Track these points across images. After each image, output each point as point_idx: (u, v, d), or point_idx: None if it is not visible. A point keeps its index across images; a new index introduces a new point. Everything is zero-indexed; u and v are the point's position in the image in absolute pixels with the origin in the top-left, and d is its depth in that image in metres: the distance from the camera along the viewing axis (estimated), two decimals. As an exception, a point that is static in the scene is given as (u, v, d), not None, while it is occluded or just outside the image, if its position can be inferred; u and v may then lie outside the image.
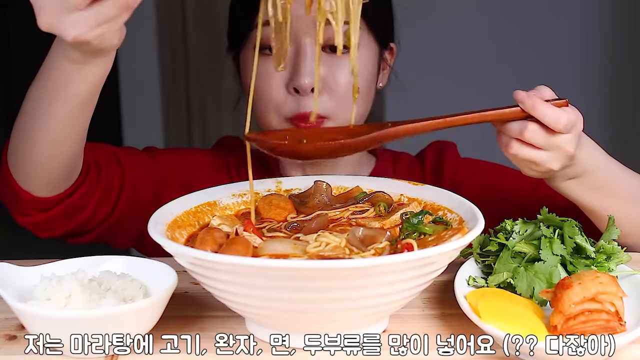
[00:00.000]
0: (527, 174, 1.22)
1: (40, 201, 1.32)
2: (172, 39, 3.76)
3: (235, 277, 0.97)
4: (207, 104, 3.83)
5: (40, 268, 1.11)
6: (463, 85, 3.64)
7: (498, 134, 1.20)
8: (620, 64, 3.65)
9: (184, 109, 3.87)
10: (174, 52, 3.77)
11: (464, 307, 1.07)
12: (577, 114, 1.17)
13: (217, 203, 1.22)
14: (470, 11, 3.64)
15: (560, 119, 1.14)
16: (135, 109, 3.79)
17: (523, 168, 1.21)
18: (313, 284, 0.96)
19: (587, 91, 3.67)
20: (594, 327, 1.01)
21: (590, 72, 3.68)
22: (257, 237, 1.10)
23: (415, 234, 1.13)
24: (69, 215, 1.37)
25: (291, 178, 1.32)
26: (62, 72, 1.14)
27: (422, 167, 1.63)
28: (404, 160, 1.65)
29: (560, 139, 1.16)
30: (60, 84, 1.16)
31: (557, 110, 1.14)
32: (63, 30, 1.02)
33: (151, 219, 1.08)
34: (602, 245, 1.18)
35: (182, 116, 3.87)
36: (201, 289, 1.19)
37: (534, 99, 1.14)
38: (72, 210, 1.37)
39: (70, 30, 1.02)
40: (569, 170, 1.23)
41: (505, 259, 1.16)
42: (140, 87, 3.75)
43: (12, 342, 1.08)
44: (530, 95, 1.15)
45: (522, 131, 1.15)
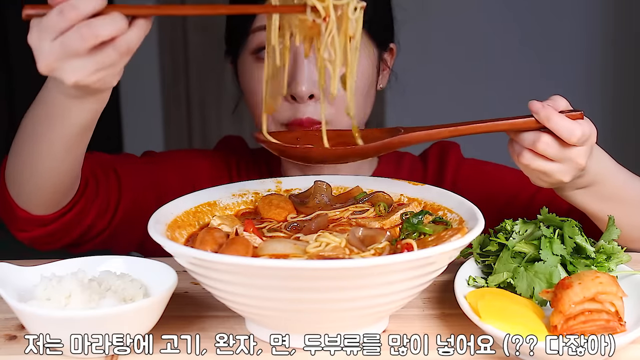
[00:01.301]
0: (537, 183, 1.21)
1: (38, 219, 1.32)
2: (172, 39, 3.76)
3: (235, 277, 0.97)
4: (207, 103, 3.84)
5: (40, 268, 1.11)
6: (463, 85, 3.64)
7: (510, 142, 1.18)
8: (622, 63, 3.65)
9: (184, 108, 3.87)
10: (174, 52, 3.78)
11: (464, 307, 1.07)
12: (592, 127, 1.15)
13: (217, 203, 1.22)
14: (470, 11, 3.64)
15: (575, 132, 1.12)
16: (136, 108, 3.79)
17: (533, 178, 1.20)
18: (313, 284, 0.96)
19: (588, 91, 3.67)
20: (594, 327, 1.01)
21: (591, 71, 3.68)
22: (257, 237, 1.10)
23: (415, 234, 1.13)
24: (67, 229, 1.37)
25: (291, 178, 1.32)
26: (58, 104, 1.14)
27: (425, 167, 1.63)
28: (407, 160, 1.65)
29: (573, 152, 1.14)
30: (57, 116, 1.15)
31: (571, 123, 1.12)
32: (63, 76, 1.01)
33: (151, 219, 1.08)
34: (602, 245, 1.18)
35: (182, 115, 3.87)
36: (201, 289, 1.19)
37: (549, 110, 1.13)
38: (70, 225, 1.37)
39: (70, 76, 1.01)
40: (579, 181, 1.22)
41: (505, 259, 1.16)
42: (141, 87, 3.75)
43: (12, 342, 1.07)
44: (545, 106, 1.13)
45: (535, 142, 1.14)
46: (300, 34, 1.10)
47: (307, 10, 1.06)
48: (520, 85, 3.41)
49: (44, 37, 0.99)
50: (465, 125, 1.16)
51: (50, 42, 0.99)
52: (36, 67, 1.01)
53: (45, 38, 0.99)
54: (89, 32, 0.97)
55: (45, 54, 0.99)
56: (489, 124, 1.15)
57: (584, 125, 1.13)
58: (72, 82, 1.01)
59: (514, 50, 3.67)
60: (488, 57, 3.67)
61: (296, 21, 1.09)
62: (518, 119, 1.14)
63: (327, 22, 1.06)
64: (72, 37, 0.97)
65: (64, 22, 0.97)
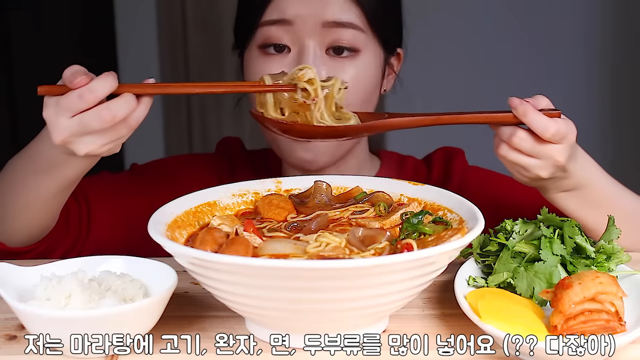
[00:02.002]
0: (517, 178, 1.24)
1: (13, 250, 1.35)
2: (172, 39, 3.76)
3: (235, 277, 0.97)
4: (207, 104, 3.83)
5: (40, 268, 1.11)
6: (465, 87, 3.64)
7: (494, 135, 1.22)
8: (621, 63, 3.65)
9: (184, 109, 3.87)
10: (174, 52, 3.77)
11: (464, 307, 1.07)
12: (569, 126, 1.19)
13: (217, 203, 1.22)
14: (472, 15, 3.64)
15: (549, 128, 1.16)
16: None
17: (513, 172, 1.24)
18: (313, 284, 0.96)
19: (588, 90, 3.67)
20: (594, 327, 1.01)
21: (592, 70, 3.69)
22: (257, 237, 1.10)
23: (415, 234, 1.13)
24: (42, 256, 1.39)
25: (291, 178, 1.32)
26: (53, 157, 1.20)
27: (429, 172, 1.62)
28: (409, 163, 1.65)
29: (549, 148, 1.18)
30: (50, 167, 1.21)
31: (546, 120, 1.16)
32: (77, 148, 1.11)
33: (151, 218, 1.08)
34: (602, 245, 1.18)
35: (182, 116, 3.87)
36: (201, 289, 1.19)
37: (526, 106, 1.17)
38: (44, 254, 1.39)
39: (83, 148, 1.11)
40: (563, 183, 1.24)
41: (505, 259, 1.16)
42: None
43: (12, 342, 1.08)
44: (523, 102, 1.18)
45: (511, 136, 1.18)
46: (290, 109, 1.23)
47: (298, 91, 1.22)
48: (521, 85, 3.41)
49: (61, 114, 1.09)
50: (447, 116, 1.23)
51: (68, 120, 1.09)
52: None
53: (62, 115, 1.09)
54: (108, 115, 1.08)
55: (62, 129, 1.09)
56: (469, 116, 1.22)
57: (560, 123, 1.17)
58: (84, 153, 1.12)
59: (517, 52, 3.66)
60: (489, 60, 3.66)
61: (286, 98, 1.22)
62: (498, 113, 1.20)
63: (316, 102, 1.21)
64: (90, 118, 1.08)
65: (83, 103, 1.08)
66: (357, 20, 1.44)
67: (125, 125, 1.11)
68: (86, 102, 1.08)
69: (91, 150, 1.11)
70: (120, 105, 1.09)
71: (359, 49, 1.44)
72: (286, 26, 1.43)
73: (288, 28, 1.43)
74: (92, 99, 1.08)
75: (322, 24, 1.42)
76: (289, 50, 1.44)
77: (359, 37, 1.44)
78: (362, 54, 1.45)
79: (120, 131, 1.11)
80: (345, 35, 1.43)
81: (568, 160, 1.20)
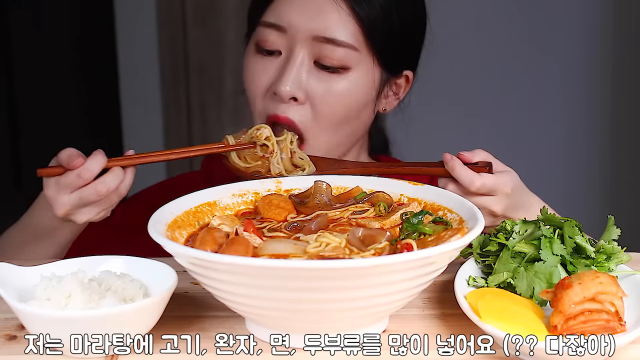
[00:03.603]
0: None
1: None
2: (172, 39, 3.76)
3: (235, 277, 0.97)
4: (207, 103, 3.83)
5: (40, 268, 1.11)
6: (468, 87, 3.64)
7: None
8: (622, 62, 3.65)
9: (184, 109, 3.86)
10: (174, 52, 3.77)
11: (464, 307, 1.07)
12: (500, 179, 1.30)
13: (217, 203, 1.22)
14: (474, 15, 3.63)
15: (474, 182, 1.30)
16: (136, 108, 3.78)
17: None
18: (313, 284, 0.96)
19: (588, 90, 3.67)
20: (594, 327, 1.01)
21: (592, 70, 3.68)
22: (257, 237, 1.10)
23: (415, 234, 1.13)
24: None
25: (291, 178, 1.33)
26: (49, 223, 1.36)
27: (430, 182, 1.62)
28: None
29: (481, 199, 1.31)
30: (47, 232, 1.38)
31: (472, 174, 1.30)
32: (77, 218, 1.29)
33: (151, 218, 1.08)
34: (602, 245, 1.18)
35: (182, 116, 3.87)
36: (201, 289, 1.19)
37: (455, 161, 1.32)
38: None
39: (82, 217, 1.29)
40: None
41: (505, 259, 1.16)
42: (141, 87, 3.74)
43: (12, 342, 1.08)
44: (453, 158, 1.33)
45: (445, 186, 1.33)
46: (252, 160, 1.41)
47: (257, 147, 1.40)
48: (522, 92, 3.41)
49: (62, 191, 1.26)
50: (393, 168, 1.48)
51: (68, 195, 1.26)
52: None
53: (63, 192, 1.26)
54: (104, 188, 1.26)
55: (63, 204, 1.26)
56: (410, 168, 1.43)
57: (485, 178, 1.30)
58: (82, 221, 1.29)
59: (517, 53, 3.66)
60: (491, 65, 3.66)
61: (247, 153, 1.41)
62: (434, 167, 1.36)
63: (273, 154, 1.40)
64: (89, 192, 1.25)
65: (81, 181, 1.25)
66: (351, 39, 1.43)
67: (117, 194, 1.28)
68: (84, 180, 1.25)
69: (89, 219, 1.29)
70: (112, 179, 1.27)
71: (348, 67, 1.44)
72: (280, 32, 1.44)
73: (281, 34, 1.44)
74: (89, 176, 1.25)
75: (312, 37, 1.43)
76: (280, 53, 1.46)
77: (350, 55, 1.43)
78: (352, 71, 1.45)
79: (112, 199, 1.29)
80: (335, 54, 1.43)
81: (506, 210, 1.32)
